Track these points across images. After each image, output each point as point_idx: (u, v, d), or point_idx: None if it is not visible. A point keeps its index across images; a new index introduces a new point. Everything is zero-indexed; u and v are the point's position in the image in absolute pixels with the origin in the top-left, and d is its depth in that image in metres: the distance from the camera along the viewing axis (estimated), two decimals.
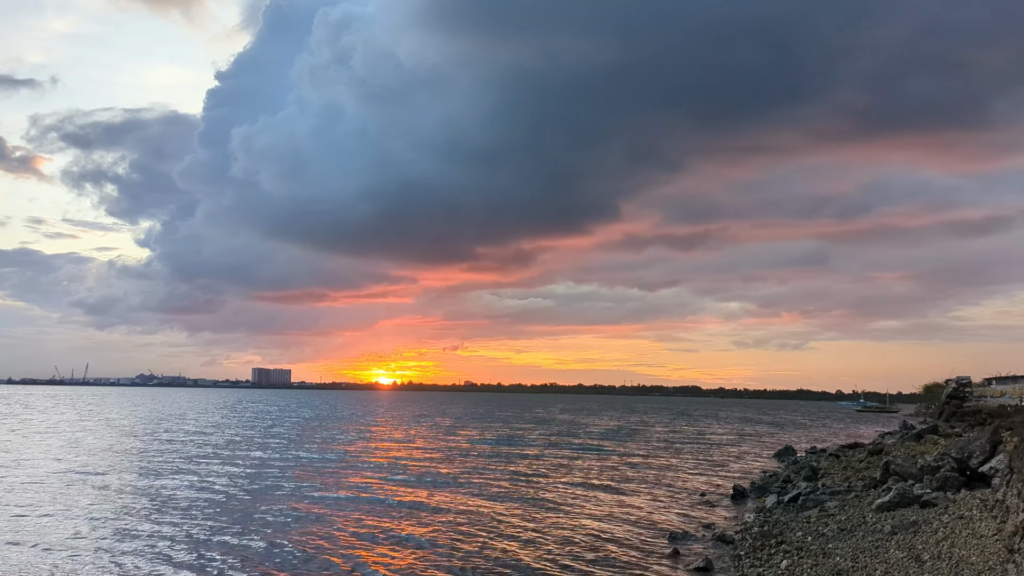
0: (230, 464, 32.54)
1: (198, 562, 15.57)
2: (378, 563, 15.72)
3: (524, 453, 41.16)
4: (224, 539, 17.63)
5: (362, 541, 17.73)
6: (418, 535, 18.44)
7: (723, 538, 17.92)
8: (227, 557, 15.96)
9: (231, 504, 22.37)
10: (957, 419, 56.79)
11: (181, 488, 25.21)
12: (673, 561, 16.15)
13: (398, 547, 17.21)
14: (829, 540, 15.75)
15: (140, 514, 20.48)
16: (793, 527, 17.93)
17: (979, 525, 13.74)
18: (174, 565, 15.30)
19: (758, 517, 20.63)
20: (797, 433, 68.92)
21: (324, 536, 18.17)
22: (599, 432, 63.49)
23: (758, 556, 15.43)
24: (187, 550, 16.53)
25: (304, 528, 19.08)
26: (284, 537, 17.95)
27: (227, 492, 24.57)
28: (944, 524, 14.71)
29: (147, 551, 16.37)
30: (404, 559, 16.12)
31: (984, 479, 18.43)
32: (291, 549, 16.78)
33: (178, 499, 23.00)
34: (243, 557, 16.03)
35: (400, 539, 18.00)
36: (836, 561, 13.75)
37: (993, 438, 19.96)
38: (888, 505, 17.81)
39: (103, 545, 16.81)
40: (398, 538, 18.09)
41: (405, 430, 61.92)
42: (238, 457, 35.73)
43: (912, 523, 15.56)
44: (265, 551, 16.58)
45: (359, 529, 19.05)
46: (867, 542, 14.90)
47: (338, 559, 16.00)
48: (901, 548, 13.80)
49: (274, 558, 16.02)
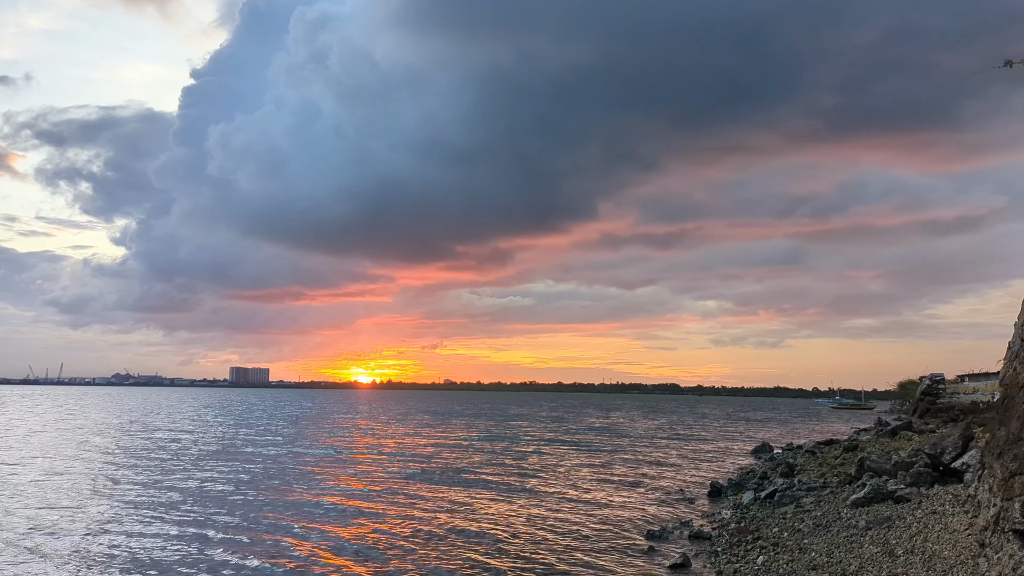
0: (248, 462, 32.21)
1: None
2: (338, 563, 15.61)
3: (502, 450, 41.12)
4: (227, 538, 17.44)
5: (319, 534, 17.62)
6: (388, 530, 18.35)
7: (700, 535, 17.98)
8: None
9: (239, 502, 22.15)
10: (931, 416, 57.51)
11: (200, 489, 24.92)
12: (650, 558, 16.17)
13: (368, 544, 17.10)
14: (805, 536, 15.86)
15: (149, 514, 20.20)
16: (769, 523, 18.04)
17: (951, 520, 13.88)
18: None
19: (735, 513, 20.74)
20: (774, 430, 69.47)
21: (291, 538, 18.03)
22: (577, 429, 63.61)
23: (735, 552, 15.49)
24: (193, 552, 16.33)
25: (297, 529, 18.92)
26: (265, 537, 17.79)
27: (241, 490, 24.32)
28: (917, 519, 14.85)
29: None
30: (374, 560, 16.02)
31: (957, 474, 18.64)
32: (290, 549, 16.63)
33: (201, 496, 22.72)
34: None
35: (364, 538, 17.90)
36: (812, 556, 13.84)
37: (965, 434, 20.21)
38: (863, 501, 17.96)
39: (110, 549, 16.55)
40: (364, 536, 17.99)
41: (390, 428, 61.66)
42: (250, 456, 35.39)
43: (886, 518, 15.70)
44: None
45: (319, 526, 18.93)
46: (842, 537, 15.01)
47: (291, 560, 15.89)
48: (875, 543, 13.91)
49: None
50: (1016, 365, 9.11)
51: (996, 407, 9.86)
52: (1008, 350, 9.64)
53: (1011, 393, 9.07)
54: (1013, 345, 9.46)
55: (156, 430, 54.12)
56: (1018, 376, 8.91)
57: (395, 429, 61.28)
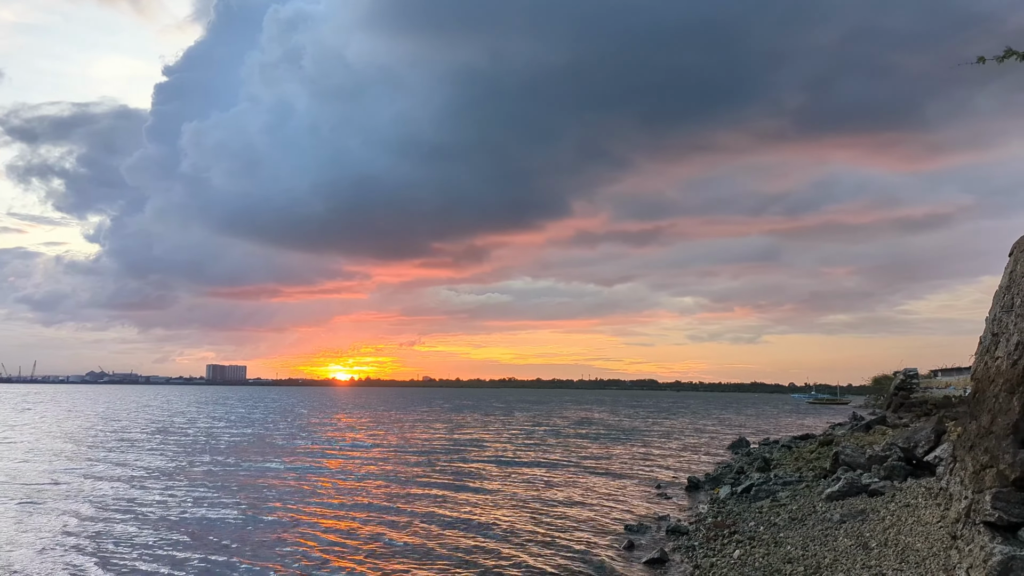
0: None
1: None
2: (326, 555, 15.53)
3: (482, 446, 41.09)
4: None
5: (311, 529, 17.52)
6: (367, 531, 18.27)
7: (677, 529, 18.06)
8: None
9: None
10: (905, 410, 58.24)
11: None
12: (628, 552, 16.23)
13: (350, 539, 17.02)
14: (781, 529, 15.98)
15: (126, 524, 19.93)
16: (746, 517, 18.16)
17: (924, 512, 14.05)
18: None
19: (712, 508, 20.88)
20: (751, 425, 70.06)
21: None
22: (555, 425, 63.72)
23: (711, 546, 15.58)
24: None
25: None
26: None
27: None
28: (891, 512, 15.02)
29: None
30: (357, 553, 15.94)
31: (929, 468, 18.88)
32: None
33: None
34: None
35: (351, 533, 17.82)
36: (787, 550, 13.95)
37: (938, 428, 20.46)
38: (837, 494, 18.13)
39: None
40: (349, 531, 17.91)
41: (362, 425, 61.41)
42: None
43: (860, 511, 15.86)
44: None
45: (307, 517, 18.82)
46: (817, 531, 15.14)
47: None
48: (849, 536, 14.05)
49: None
50: (987, 360, 9.23)
51: (968, 401, 9.99)
52: (979, 345, 9.76)
53: (982, 387, 9.18)
54: (984, 340, 9.58)
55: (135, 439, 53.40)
56: (989, 371, 9.02)
57: (369, 426, 61.04)
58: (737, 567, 13.47)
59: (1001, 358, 8.70)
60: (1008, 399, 8.11)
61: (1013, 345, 8.42)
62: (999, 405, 8.32)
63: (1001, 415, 8.16)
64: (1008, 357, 8.47)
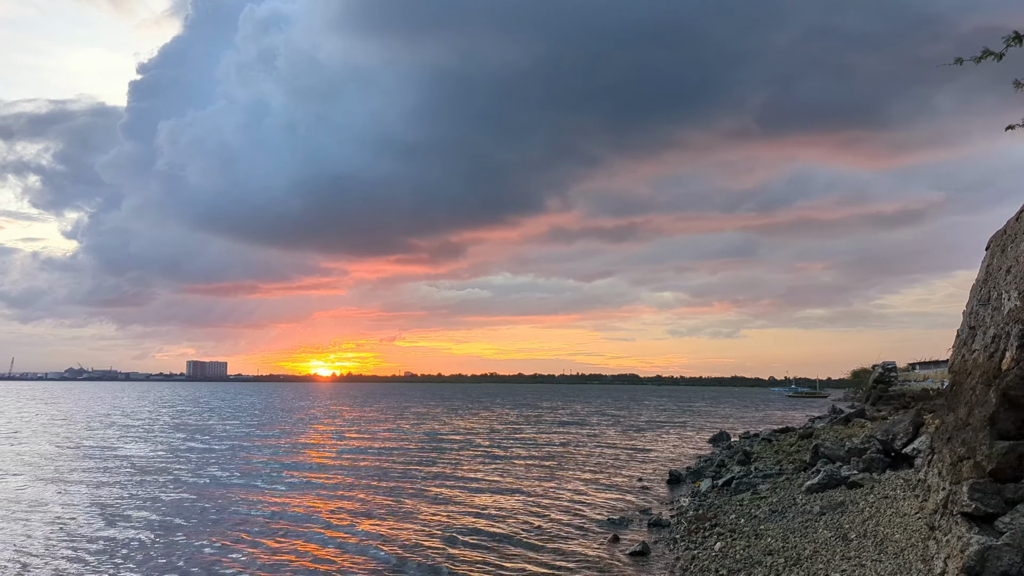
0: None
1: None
2: (299, 554, 15.46)
3: (463, 441, 41.08)
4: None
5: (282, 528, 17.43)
6: (347, 526, 18.21)
7: (659, 522, 18.16)
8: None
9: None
10: (883, 403, 58.79)
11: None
12: (611, 545, 16.28)
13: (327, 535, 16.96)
14: (761, 522, 16.11)
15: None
16: (727, 510, 18.29)
17: (902, 504, 14.22)
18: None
19: (693, 501, 21.01)
20: (731, 418, 70.55)
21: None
22: (538, 420, 63.82)
23: (693, 539, 15.68)
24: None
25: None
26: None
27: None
28: (870, 504, 15.18)
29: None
30: (331, 552, 15.87)
31: (908, 460, 19.10)
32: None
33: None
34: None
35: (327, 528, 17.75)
36: (768, 542, 14.06)
37: (916, 420, 20.71)
38: (817, 487, 18.30)
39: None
40: (326, 525, 17.84)
41: (350, 422, 61.18)
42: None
43: (840, 503, 16.02)
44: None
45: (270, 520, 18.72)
46: (797, 523, 15.28)
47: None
48: (829, 528, 14.19)
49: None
50: (964, 353, 9.33)
51: (945, 394, 10.11)
52: (956, 338, 9.87)
53: (959, 380, 9.29)
54: (961, 333, 9.69)
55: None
56: (966, 363, 9.13)
57: (350, 421, 60.83)
58: (718, 559, 13.56)
59: (978, 351, 8.81)
60: (985, 391, 8.21)
61: (990, 338, 8.52)
62: (976, 397, 8.42)
63: (978, 407, 8.26)
64: (985, 350, 8.57)
